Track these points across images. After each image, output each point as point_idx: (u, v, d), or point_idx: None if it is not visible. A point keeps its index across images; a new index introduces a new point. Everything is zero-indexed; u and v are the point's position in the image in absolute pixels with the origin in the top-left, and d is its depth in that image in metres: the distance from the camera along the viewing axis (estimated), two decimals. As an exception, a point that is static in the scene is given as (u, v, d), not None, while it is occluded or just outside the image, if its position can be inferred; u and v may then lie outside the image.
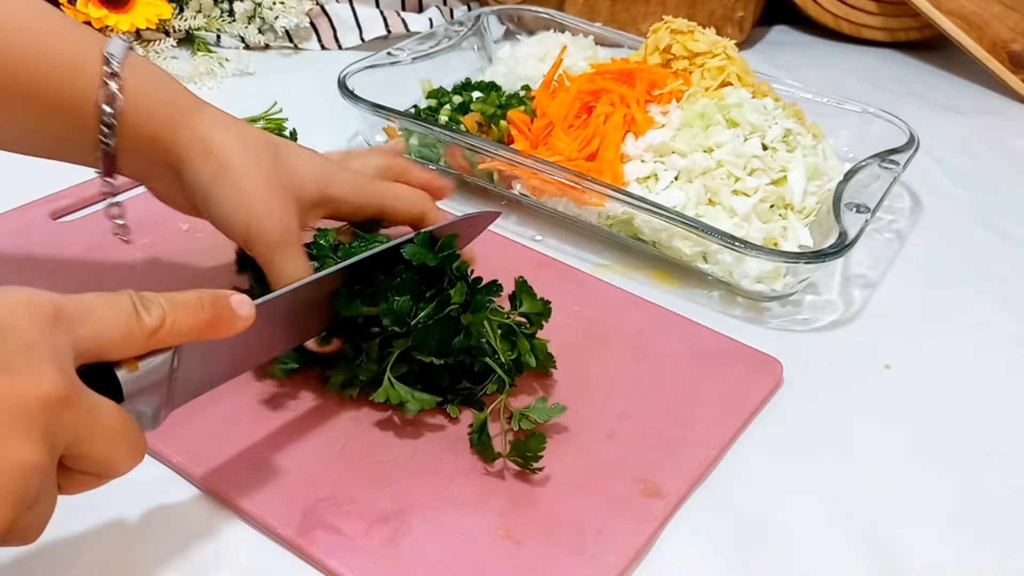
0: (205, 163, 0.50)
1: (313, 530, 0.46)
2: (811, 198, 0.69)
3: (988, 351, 0.64)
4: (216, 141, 0.50)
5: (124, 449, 0.37)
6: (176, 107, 0.50)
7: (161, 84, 0.51)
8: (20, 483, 0.32)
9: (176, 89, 0.51)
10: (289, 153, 0.53)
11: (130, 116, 0.49)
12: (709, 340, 0.61)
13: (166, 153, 0.50)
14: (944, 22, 1.01)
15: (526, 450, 0.50)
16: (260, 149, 0.51)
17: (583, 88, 0.75)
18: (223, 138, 0.50)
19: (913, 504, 0.52)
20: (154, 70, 0.51)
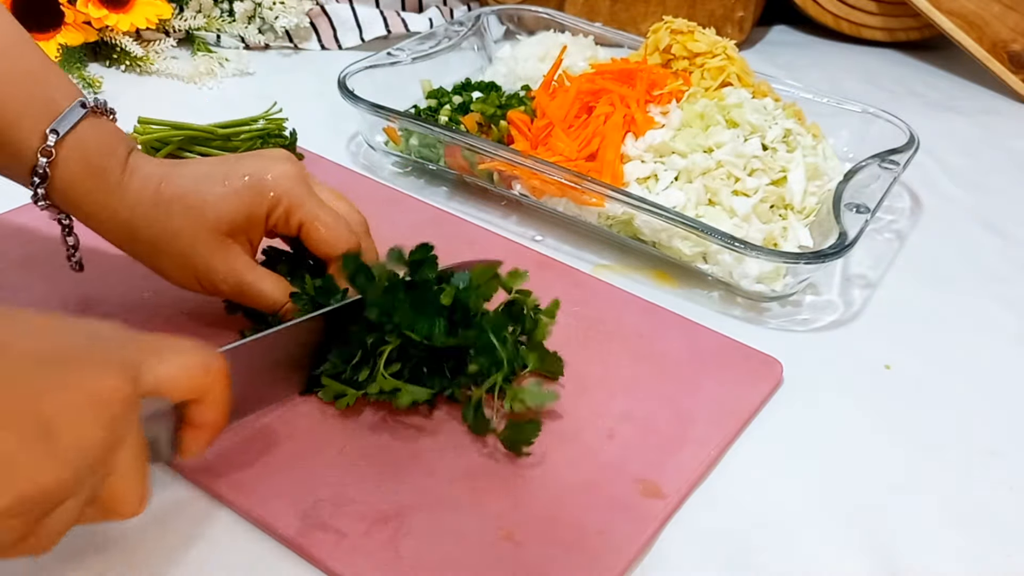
0: (134, 244, 0.53)
1: (313, 530, 0.46)
2: (811, 198, 0.69)
3: (988, 351, 0.64)
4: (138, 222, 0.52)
5: (140, 485, 0.39)
6: (103, 187, 0.51)
7: (96, 161, 0.51)
8: (86, 458, 0.35)
9: (109, 166, 0.51)
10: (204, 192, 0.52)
11: (57, 191, 0.51)
12: (709, 340, 0.61)
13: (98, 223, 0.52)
14: (944, 22, 1.01)
15: (520, 435, 0.50)
16: (178, 211, 0.52)
17: (583, 88, 0.75)
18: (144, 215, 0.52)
19: (913, 504, 0.52)
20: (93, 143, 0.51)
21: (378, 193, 0.75)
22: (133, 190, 0.51)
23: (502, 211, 0.75)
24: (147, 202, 0.51)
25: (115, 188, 0.51)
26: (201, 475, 0.49)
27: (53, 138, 0.49)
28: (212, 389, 0.42)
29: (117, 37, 0.92)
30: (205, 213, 0.51)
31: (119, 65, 0.94)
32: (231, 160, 0.54)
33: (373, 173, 0.79)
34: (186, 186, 0.52)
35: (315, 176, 0.57)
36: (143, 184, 0.52)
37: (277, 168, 0.53)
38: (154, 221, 0.51)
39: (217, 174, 0.53)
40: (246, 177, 0.52)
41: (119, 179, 0.51)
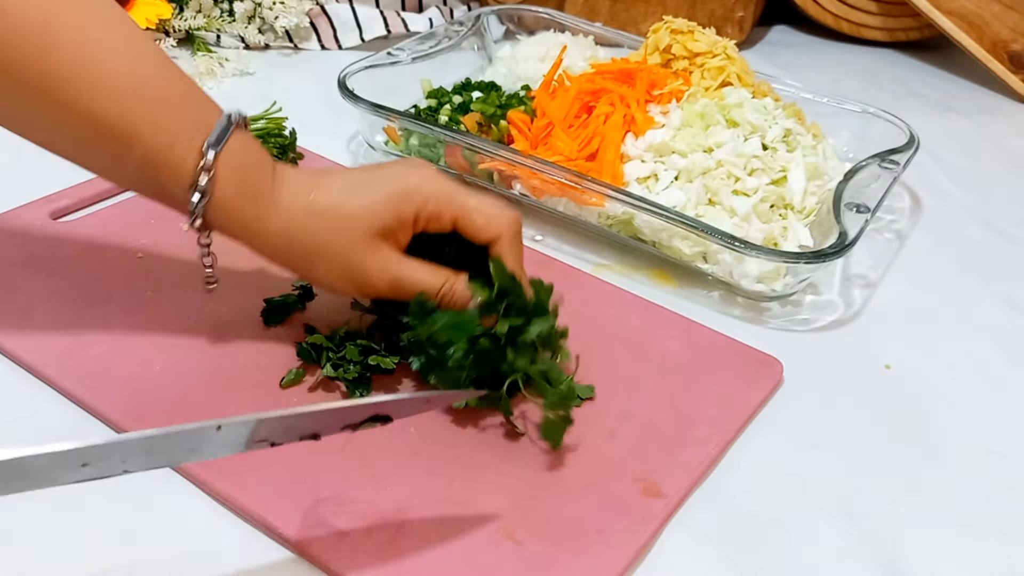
0: (289, 254, 0.53)
1: (314, 530, 0.46)
2: (811, 198, 0.69)
3: (988, 351, 0.64)
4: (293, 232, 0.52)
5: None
6: (258, 199, 0.52)
7: (251, 175, 0.51)
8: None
9: (261, 178, 0.52)
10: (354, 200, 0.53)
11: (216, 208, 0.51)
12: (709, 340, 0.61)
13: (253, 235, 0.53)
14: (944, 22, 1.01)
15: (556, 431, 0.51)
16: (331, 218, 0.52)
17: (583, 88, 0.75)
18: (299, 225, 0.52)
19: (913, 504, 0.52)
20: (246, 156, 0.51)
21: (378, 193, 0.75)
22: (285, 200, 0.52)
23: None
24: (300, 212, 0.52)
25: (269, 200, 0.52)
26: (202, 474, 0.49)
27: (212, 153, 0.49)
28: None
29: (117, 37, 0.91)
30: (357, 219, 0.52)
31: (119, 65, 0.94)
32: (375, 168, 0.55)
33: (373, 173, 0.79)
34: (336, 195, 0.52)
35: None
36: (294, 194, 0.52)
37: (420, 172, 0.54)
38: (309, 230, 0.52)
39: (364, 181, 0.53)
40: (392, 182, 0.53)
41: (271, 190, 0.52)
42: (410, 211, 0.53)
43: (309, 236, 0.52)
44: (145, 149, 0.49)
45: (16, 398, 0.54)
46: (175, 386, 0.54)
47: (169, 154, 0.49)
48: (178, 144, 0.49)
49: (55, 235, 0.65)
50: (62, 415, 0.53)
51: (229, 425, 0.41)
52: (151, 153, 0.49)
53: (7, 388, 0.54)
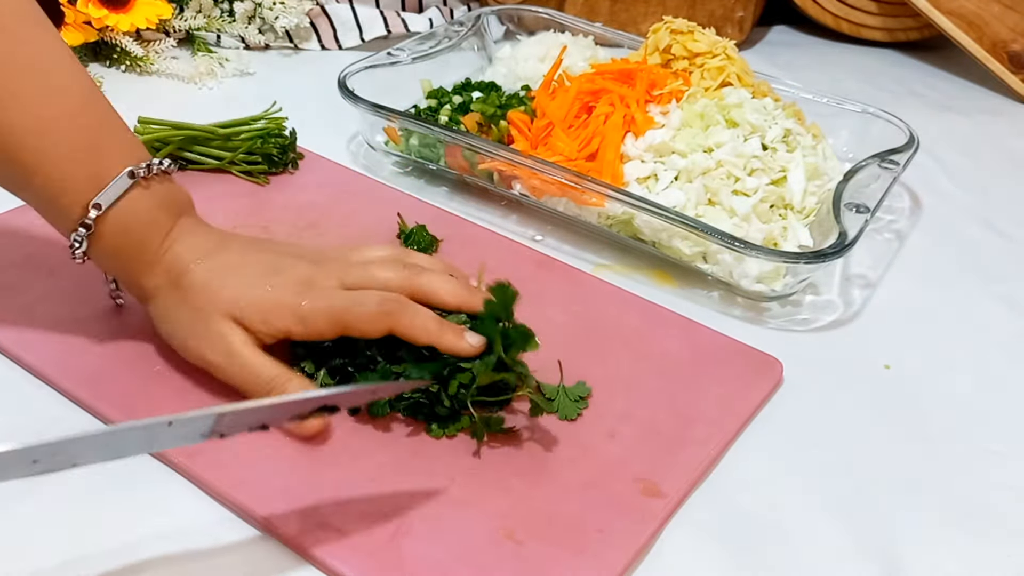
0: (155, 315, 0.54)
1: (314, 530, 0.46)
2: (811, 198, 0.69)
3: (988, 351, 0.64)
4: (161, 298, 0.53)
5: None
6: (138, 260, 0.52)
7: (137, 234, 0.51)
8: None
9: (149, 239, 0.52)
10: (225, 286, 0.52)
11: (95, 258, 0.52)
12: (709, 340, 0.61)
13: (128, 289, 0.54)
14: (944, 22, 1.01)
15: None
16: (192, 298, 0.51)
17: (583, 88, 0.75)
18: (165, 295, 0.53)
19: (913, 504, 0.52)
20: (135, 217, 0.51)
21: (378, 193, 0.75)
22: (163, 266, 0.52)
23: (502, 211, 0.75)
24: (172, 279, 0.52)
25: (149, 263, 0.52)
26: (202, 474, 0.49)
27: (95, 213, 0.50)
28: None
29: (117, 37, 0.92)
30: (221, 299, 0.51)
31: (119, 65, 0.94)
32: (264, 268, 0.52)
33: (373, 173, 0.79)
34: (207, 282, 0.51)
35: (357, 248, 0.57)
36: (175, 261, 0.52)
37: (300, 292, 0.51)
38: (170, 298, 0.52)
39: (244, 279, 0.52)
40: (272, 291, 0.51)
41: (155, 254, 0.52)
42: (278, 328, 0.51)
43: (168, 302, 0.52)
44: (35, 192, 0.50)
45: (16, 398, 0.54)
46: (175, 386, 0.54)
47: (55, 202, 0.50)
48: (65, 196, 0.50)
49: (55, 235, 0.65)
50: (62, 415, 0.53)
51: (180, 421, 0.42)
52: (39, 197, 0.51)
53: (7, 388, 0.54)
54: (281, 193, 0.74)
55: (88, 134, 0.50)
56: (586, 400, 0.55)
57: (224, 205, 0.71)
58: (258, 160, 0.75)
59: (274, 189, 0.74)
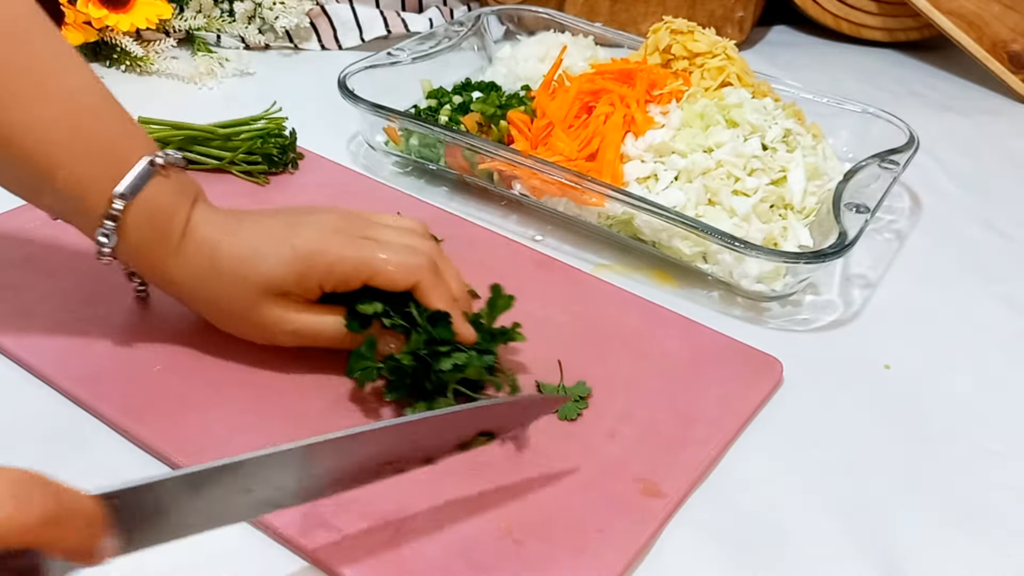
0: (194, 303, 0.55)
1: (314, 530, 0.46)
2: (811, 198, 0.69)
3: (988, 351, 0.64)
4: (195, 288, 0.53)
5: None
6: (163, 249, 0.52)
7: (160, 224, 0.52)
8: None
9: (172, 228, 0.52)
10: (255, 262, 0.52)
11: (121, 252, 0.52)
12: (709, 340, 0.61)
13: (160, 282, 0.54)
14: (944, 22, 1.01)
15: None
16: (230, 280, 0.52)
17: (583, 88, 0.75)
18: (200, 281, 0.53)
19: (913, 504, 0.52)
20: (158, 205, 0.51)
21: (378, 193, 0.75)
22: (189, 253, 0.52)
23: (502, 211, 0.75)
24: (203, 268, 0.52)
25: (175, 252, 0.52)
26: (201, 475, 0.49)
27: (120, 203, 0.50)
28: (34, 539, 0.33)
29: (117, 37, 0.92)
30: (256, 283, 0.52)
31: (119, 65, 0.94)
32: (288, 219, 0.54)
33: (373, 173, 0.79)
34: (238, 252, 0.52)
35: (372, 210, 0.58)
36: (199, 248, 0.52)
37: (327, 236, 0.53)
38: (209, 287, 0.53)
39: (271, 236, 0.53)
40: (298, 245, 0.52)
41: (179, 243, 0.52)
42: (313, 279, 0.52)
43: (210, 289, 0.53)
44: (60, 187, 0.50)
45: (16, 398, 0.54)
46: (175, 386, 0.54)
47: (80, 199, 0.50)
48: (89, 190, 0.50)
49: (55, 235, 0.65)
50: (62, 415, 0.53)
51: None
52: (63, 193, 0.50)
53: (7, 388, 0.54)
54: (281, 193, 0.74)
55: (107, 128, 0.51)
56: (586, 400, 0.55)
57: (224, 205, 0.70)
58: (258, 160, 0.75)
59: (274, 189, 0.74)
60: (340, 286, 0.53)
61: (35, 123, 0.49)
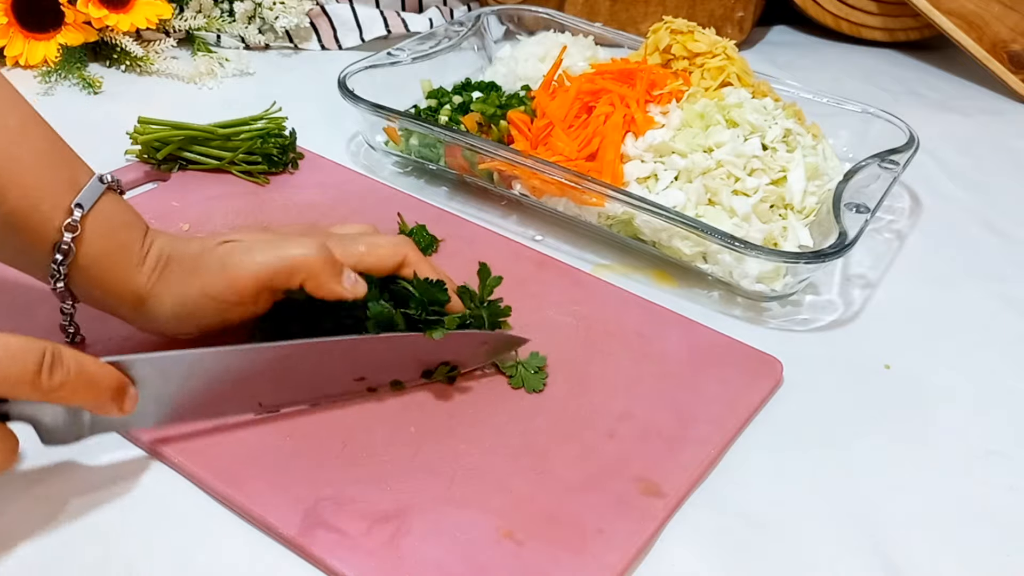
0: (159, 312, 0.52)
1: (314, 530, 0.46)
2: (811, 198, 0.69)
3: (988, 351, 0.64)
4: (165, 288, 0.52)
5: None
6: (126, 260, 0.51)
7: (120, 236, 0.51)
8: None
9: (131, 239, 0.51)
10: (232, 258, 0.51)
11: (80, 268, 0.50)
12: (709, 340, 0.61)
13: (116, 298, 0.52)
14: (944, 22, 1.01)
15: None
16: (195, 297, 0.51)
17: (583, 88, 0.75)
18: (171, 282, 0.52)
19: (913, 504, 0.52)
20: (116, 217, 0.51)
21: (378, 193, 0.75)
22: (150, 261, 0.51)
23: (502, 211, 0.75)
24: (175, 268, 0.51)
25: (139, 261, 0.51)
26: (202, 473, 0.49)
27: (79, 212, 0.49)
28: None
29: (117, 37, 0.92)
30: (243, 263, 0.51)
31: (119, 65, 0.94)
32: (260, 235, 0.54)
33: (373, 173, 0.79)
34: (215, 245, 0.52)
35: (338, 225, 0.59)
36: (167, 259, 0.52)
37: (300, 242, 0.52)
38: (181, 282, 0.51)
39: (251, 237, 0.53)
40: (274, 252, 0.51)
41: (140, 252, 0.51)
42: (295, 282, 0.51)
43: (181, 286, 0.51)
44: (10, 209, 0.48)
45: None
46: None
47: (35, 213, 0.48)
48: (44, 203, 0.48)
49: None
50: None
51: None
52: (16, 213, 0.48)
53: (7, 388, 0.54)
54: (281, 193, 0.74)
55: (54, 143, 0.51)
56: (544, 371, 0.57)
57: (224, 205, 0.71)
58: (258, 160, 0.75)
59: (274, 189, 0.74)
60: (311, 289, 0.52)
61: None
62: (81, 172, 0.51)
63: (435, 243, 0.68)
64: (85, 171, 0.51)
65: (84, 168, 0.51)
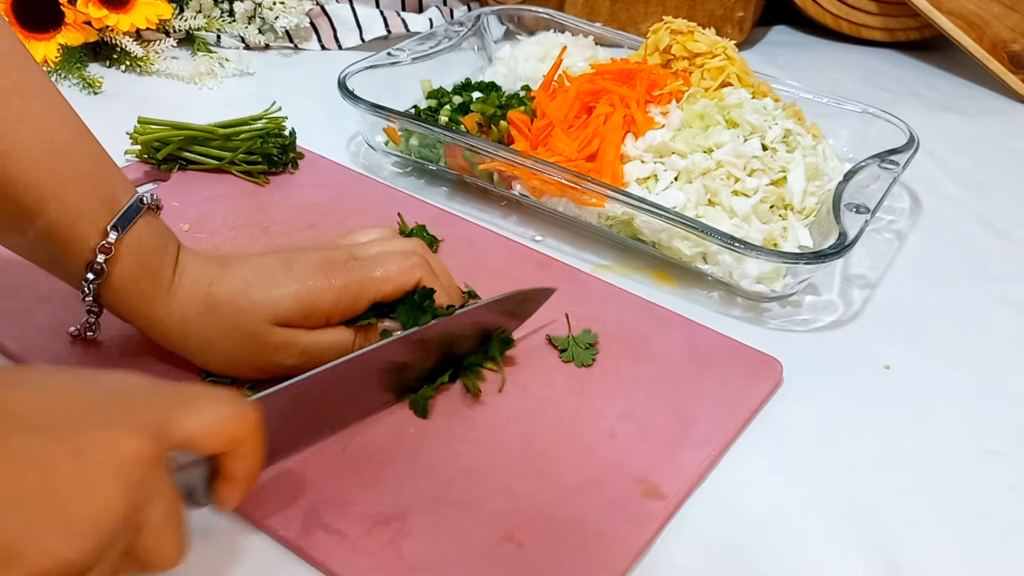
0: (185, 343, 0.52)
1: (314, 531, 0.46)
2: (811, 198, 0.69)
3: (988, 351, 0.64)
4: (189, 326, 0.51)
5: (176, 536, 0.37)
6: (155, 287, 0.51)
7: (150, 262, 0.51)
8: (105, 522, 0.33)
9: (162, 266, 0.51)
10: (256, 293, 0.51)
11: (111, 290, 0.50)
12: (709, 340, 0.61)
13: (146, 323, 0.52)
14: (944, 22, 1.01)
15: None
16: (230, 312, 0.51)
17: (583, 88, 0.75)
18: (195, 318, 0.51)
19: (913, 504, 0.52)
20: (150, 242, 0.51)
21: (378, 193, 0.75)
22: (184, 292, 0.51)
23: (502, 211, 0.75)
24: (197, 305, 0.51)
25: (167, 290, 0.51)
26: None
27: (114, 235, 0.49)
28: (246, 442, 0.41)
29: (117, 37, 0.92)
30: (259, 312, 0.51)
31: (119, 65, 0.94)
32: (279, 264, 0.53)
33: (373, 173, 0.79)
34: (236, 288, 0.51)
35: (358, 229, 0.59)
36: (193, 284, 0.51)
37: (327, 271, 0.52)
38: (205, 323, 0.51)
39: (270, 274, 0.52)
40: (300, 279, 0.51)
41: (170, 280, 0.51)
42: (319, 313, 0.52)
43: (205, 328, 0.51)
44: (48, 221, 0.48)
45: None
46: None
47: (71, 230, 0.48)
48: (82, 221, 0.48)
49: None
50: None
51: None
52: (53, 226, 0.48)
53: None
54: (281, 193, 0.74)
55: (96, 159, 0.50)
56: (595, 347, 0.59)
57: (224, 205, 0.71)
58: (258, 160, 0.75)
59: (274, 189, 0.74)
60: (348, 312, 0.53)
61: (31, 144, 0.47)
62: (123, 191, 0.50)
63: (435, 243, 0.68)
64: (127, 190, 0.51)
65: (126, 187, 0.51)
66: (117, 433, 0.35)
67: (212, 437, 0.39)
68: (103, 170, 0.50)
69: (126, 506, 0.34)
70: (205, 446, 0.39)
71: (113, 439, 0.34)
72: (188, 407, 0.39)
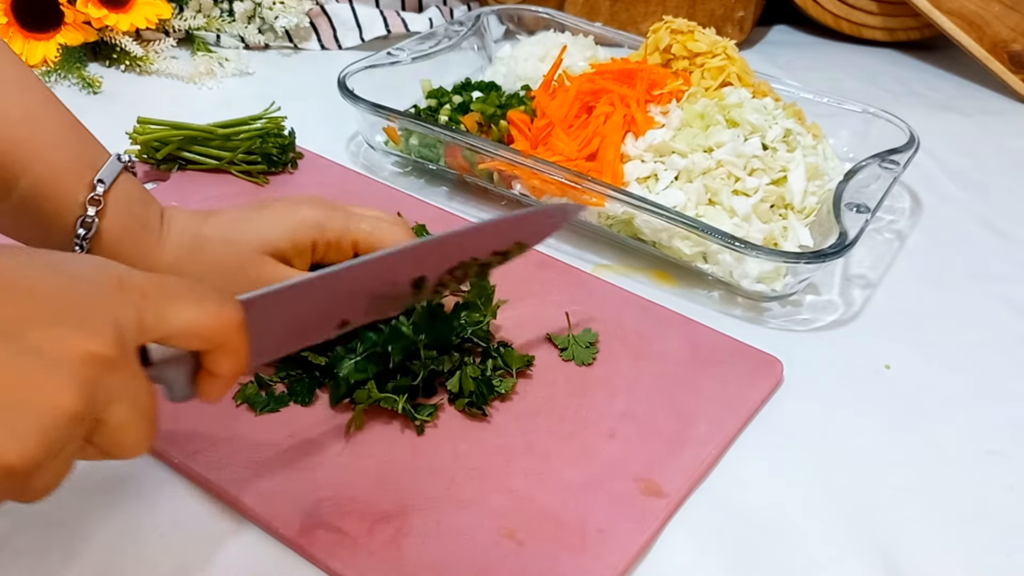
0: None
1: (315, 530, 0.46)
2: (811, 198, 0.69)
3: (988, 351, 0.64)
4: (181, 266, 0.52)
5: (140, 432, 0.35)
6: (146, 236, 0.52)
7: (138, 211, 0.52)
8: (52, 426, 0.31)
9: (149, 216, 0.52)
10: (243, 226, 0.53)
11: (103, 243, 0.51)
12: (709, 340, 0.61)
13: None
14: (944, 22, 1.01)
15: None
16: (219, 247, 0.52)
17: (583, 88, 0.75)
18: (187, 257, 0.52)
19: (913, 504, 0.52)
20: (133, 194, 0.52)
21: (378, 193, 0.75)
22: (174, 236, 0.53)
23: (502, 211, 0.75)
24: (188, 244, 0.53)
25: (157, 237, 0.52)
26: (203, 475, 0.49)
27: (101, 187, 0.50)
28: (229, 340, 0.39)
29: (117, 37, 0.92)
30: (250, 244, 0.52)
31: (119, 65, 0.94)
32: (267, 204, 0.55)
33: (373, 173, 0.79)
34: (226, 226, 0.53)
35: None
36: (182, 232, 0.53)
37: (313, 204, 0.54)
38: (198, 259, 0.52)
39: (256, 215, 0.54)
40: (287, 215, 0.53)
41: (159, 229, 0.52)
42: (306, 240, 0.53)
43: (198, 266, 0.52)
44: (33, 180, 0.49)
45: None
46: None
47: (57, 186, 0.49)
48: (67, 176, 0.49)
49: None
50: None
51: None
52: (40, 185, 0.49)
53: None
54: (281, 193, 0.74)
55: (71, 122, 0.51)
56: (596, 347, 0.59)
57: (224, 205, 0.70)
58: (258, 160, 0.75)
59: (274, 189, 0.74)
60: (332, 251, 0.54)
61: (5, 116, 0.48)
62: (99, 151, 0.52)
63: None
64: (102, 150, 0.52)
65: (101, 147, 0.52)
66: (69, 330, 0.33)
67: (193, 334, 0.37)
68: (80, 131, 0.52)
69: (78, 406, 0.32)
70: (185, 342, 0.38)
71: (64, 336, 0.32)
72: (169, 302, 0.37)
